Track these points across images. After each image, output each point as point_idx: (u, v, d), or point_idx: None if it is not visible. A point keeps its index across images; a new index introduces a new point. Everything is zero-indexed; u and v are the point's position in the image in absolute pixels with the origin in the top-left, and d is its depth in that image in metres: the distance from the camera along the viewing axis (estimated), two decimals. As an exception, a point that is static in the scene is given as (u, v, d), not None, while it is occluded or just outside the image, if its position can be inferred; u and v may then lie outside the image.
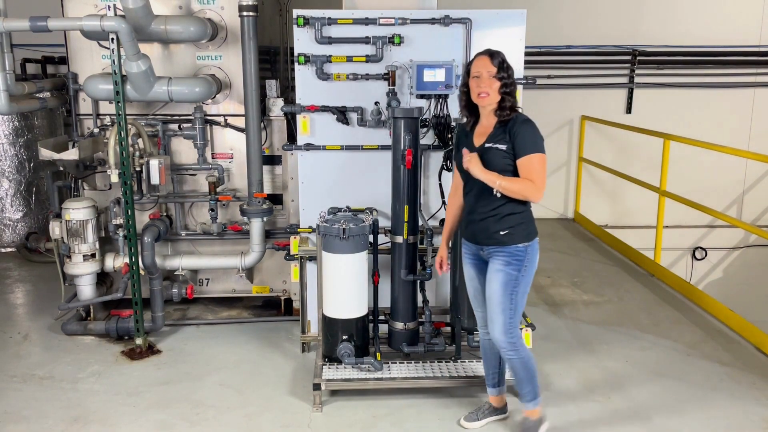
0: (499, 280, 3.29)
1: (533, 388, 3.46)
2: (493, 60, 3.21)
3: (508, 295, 3.29)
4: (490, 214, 3.27)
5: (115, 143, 4.38)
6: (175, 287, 4.95)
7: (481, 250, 3.37)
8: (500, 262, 3.29)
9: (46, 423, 3.72)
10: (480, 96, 3.22)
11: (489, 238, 3.30)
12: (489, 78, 3.19)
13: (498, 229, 3.26)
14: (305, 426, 3.70)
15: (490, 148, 3.23)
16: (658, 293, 5.81)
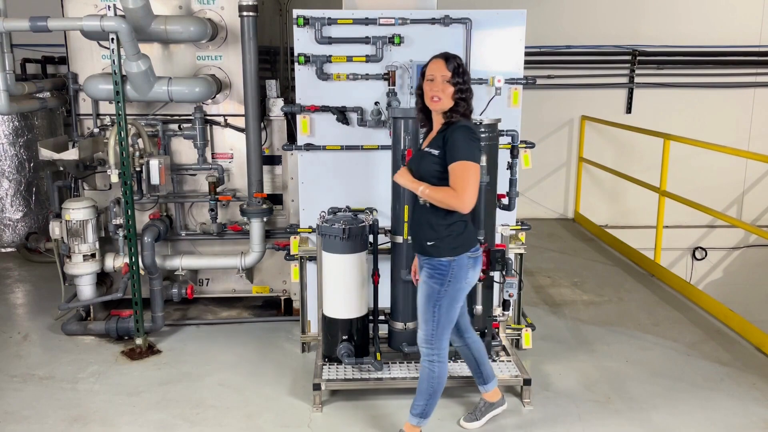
0: (423, 291, 3.22)
1: (425, 406, 3.33)
2: (448, 64, 3.12)
3: (431, 308, 3.19)
4: (421, 221, 3.21)
5: (115, 143, 4.38)
6: (175, 287, 4.95)
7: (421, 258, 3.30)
8: (425, 273, 3.23)
9: (46, 423, 3.72)
10: (432, 100, 3.11)
11: (419, 246, 3.26)
12: (443, 82, 3.09)
13: (425, 238, 3.19)
14: (305, 426, 3.70)
15: (426, 153, 3.15)
16: (658, 293, 5.81)
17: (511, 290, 4.11)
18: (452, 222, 3.14)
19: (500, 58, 4.36)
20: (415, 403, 3.37)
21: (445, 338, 3.27)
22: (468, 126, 3.13)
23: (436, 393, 3.33)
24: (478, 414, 3.68)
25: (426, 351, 3.27)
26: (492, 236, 4.09)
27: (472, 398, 3.92)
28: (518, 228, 4.51)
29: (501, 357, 4.16)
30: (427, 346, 3.26)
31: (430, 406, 3.35)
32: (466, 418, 3.69)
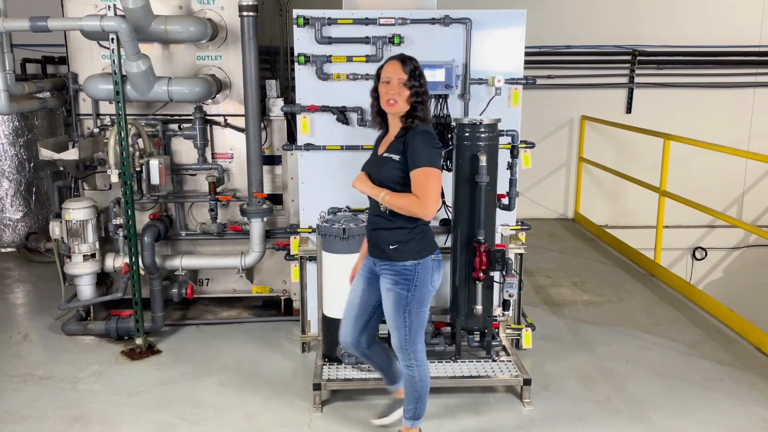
0: (391, 299, 3.13)
1: (415, 408, 3.31)
2: (405, 66, 3.04)
3: (401, 314, 3.12)
4: (382, 225, 3.11)
5: (115, 143, 4.38)
6: (175, 287, 4.96)
7: (375, 264, 3.20)
8: (389, 280, 3.12)
9: (46, 423, 3.72)
10: (388, 103, 3.03)
11: (380, 251, 3.14)
12: (399, 85, 3.01)
13: (387, 242, 3.10)
14: (305, 426, 3.70)
15: (386, 158, 3.07)
16: (658, 293, 5.81)
17: (511, 290, 4.11)
18: (415, 225, 3.09)
19: (500, 58, 4.36)
20: (405, 407, 3.35)
21: (420, 341, 3.22)
22: (428, 131, 3.07)
23: (423, 395, 3.29)
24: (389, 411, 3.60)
25: (402, 357, 3.22)
26: (492, 236, 4.09)
27: (473, 398, 3.92)
28: (518, 228, 4.51)
29: (501, 357, 4.17)
30: (402, 352, 3.21)
31: (421, 408, 3.33)
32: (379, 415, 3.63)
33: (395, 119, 3.11)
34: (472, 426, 3.70)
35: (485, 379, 3.96)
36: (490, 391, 4.03)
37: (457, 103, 4.39)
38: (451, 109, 4.35)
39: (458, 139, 4.01)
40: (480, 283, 3.98)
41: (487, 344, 4.18)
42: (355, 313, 3.32)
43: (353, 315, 3.32)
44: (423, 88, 3.07)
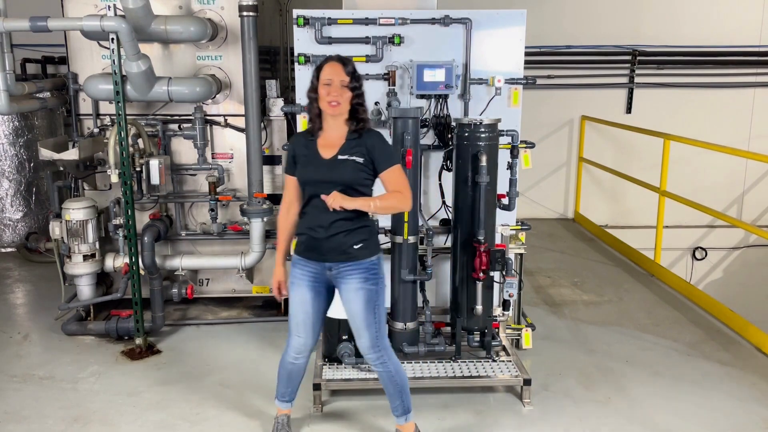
0: (362, 298, 3.13)
1: (402, 403, 3.33)
2: (346, 68, 3.04)
3: (371, 311, 3.15)
4: (343, 228, 3.07)
5: (115, 143, 4.38)
6: (175, 287, 4.96)
7: (329, 270, 3.15)
8: (358, 279, 3.12)
9: (46, 423, 3.72)
10: (330, 104, 3.00)
11: (342, 254, 3.10)
12: (341, 87, 3.00)
13: (351, 243, 3.08)
14: (305, 426, 3.70)
15: (346, 161, 3.04)
16: (658, 293, 5.81)
17: (511, 290, 4.11)
18: (368, 222, 3.14)
19: (500, 58, 4.36)
20: (392, 405, 3.37)
21: (387, 336, 3.28)
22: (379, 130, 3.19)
23: (404, 386, 3.32)
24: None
25: (374, 357, 3.23)
26: (492, 236, 4.09)
27: (473, 398, 3.92)
28: (518, 228, 4.51)
29: (501, 357, 4.17)
30: (374, 351, 3.21)
31: (407, 399, 3.36)
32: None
33: (336, 121, 3.08)
34: (472, 426, 3.70)
35: (485, 379, 3.96)
36: (490, 391, 4.03)
37: (457, 103, 4.39)
38: (451, 109, 4.36)
39: (458, 139, 4.01)
40: (480, 283, 3.98)
41: (487, 344, 4.18)
42: (311, 323, 3.26)
43: (310, 325, 3.26)
44: (362, 89, 3.10)
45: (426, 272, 4.16)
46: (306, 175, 3.12)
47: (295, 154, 3.16)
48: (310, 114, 3.14)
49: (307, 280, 3.19)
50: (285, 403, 3.56)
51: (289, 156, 3.21)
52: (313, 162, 3.10)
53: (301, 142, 3.17)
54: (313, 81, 3.08)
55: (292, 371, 3.43)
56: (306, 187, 3.13)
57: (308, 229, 3.13)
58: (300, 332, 3.27)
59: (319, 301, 3.23)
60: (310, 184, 3.11)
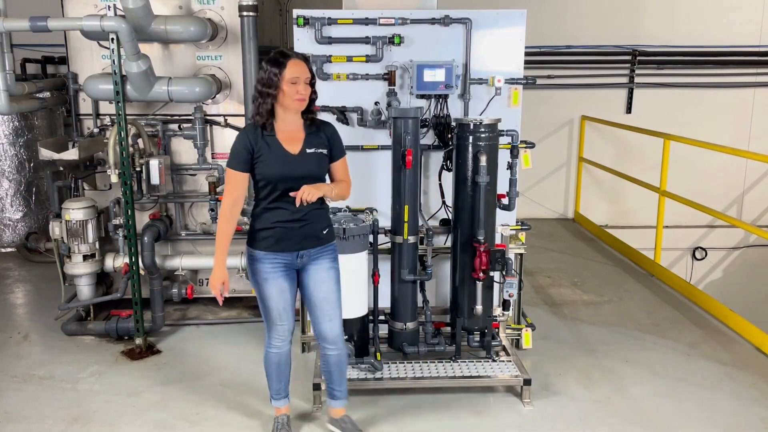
0: (333, 278, 3.33)
1: (345, 386, 3.54)
2: (308, 65, 3.15)
3: (339, 290, 3.36)
4: (315, 216, 3.25)
5: (115, 143, 4.38)
6: (175, 287, 4.96)
7: (300, 257, 3.26)
8: (328, 260, 3.32)
9: (46, 423, 3.72)
10: (298, 101, 3.08)
11: (316, 239, 3.27)
12: (305, 83, 3.10)
13: (321, 228, 3.29)
14: (305, 426, 3.69)
15: (314, 154, 3.18)
16: (658, 293, 5.81)
17: (511, 290, 4.11)
18: (326, 207, 3.37)
19: (500, 58, 4.36)
20: (337, 389, 3.53)
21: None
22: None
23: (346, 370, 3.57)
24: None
25: (339, 341, 3.41)
26: (492, 236, 4.09)
27: (473, 398, 3.93)
28: (518, 228, 4.51)
29: (501, 357, 4.17)
30: (339, 336, 3.41)
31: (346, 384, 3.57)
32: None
33: (295, 116, 3.17)
34: (472, 426, 3.70)
35: (485, 379, 3.96)
36: (490, 391, 4.03)
37: (457, 103, 4.39)
38: (451, 109, 4.36)
39: (458, 139, 4.01)
40: (480, 283, 3.98)
41: (487, 344, 4.18)
42: (291, 307, 3.36)
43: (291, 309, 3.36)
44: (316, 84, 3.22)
45: (426, 272, 4.17)
46: (277, 172, 3.14)
47: (253, 151, 3.13)
48: (260, 109, 3.11)
49: (281, 270, 3.27)
50: (281, 400, 3.58)
51: (242, 152, 3.13)
52: (281, 158, 3.14)
53: (257, 138, 3.14)
54: (272, 77, 3.06)
55: (279, 361, 3.45)
56: (277, 183, 3.15)
57: (279, 223, 3.20)
58: (283, 320, 3.34)
59: (293, 287, 3.34)
60: (282, 180, 3.14)
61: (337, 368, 3.47)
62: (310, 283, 3.32)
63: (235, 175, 3.17)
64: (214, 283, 3.25)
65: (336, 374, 3.49)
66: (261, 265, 3.27)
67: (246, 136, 3.16)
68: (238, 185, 3.19)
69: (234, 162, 3.16)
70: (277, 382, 3.52)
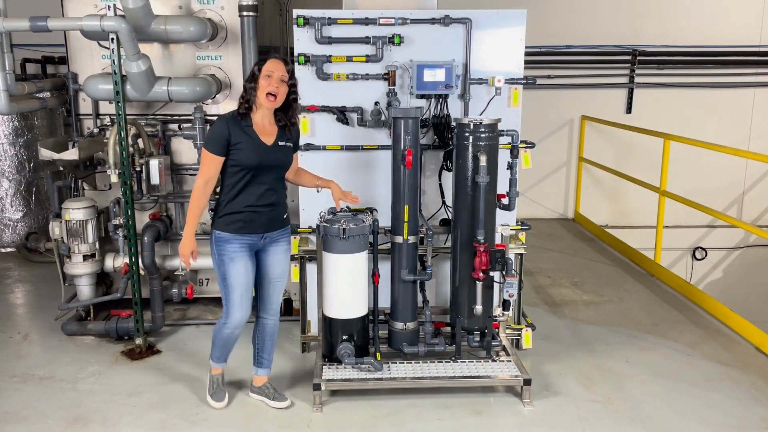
0: (288, 258, 3.73)
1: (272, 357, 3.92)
2: (287, 66, 3.41)
3: (289, 269, 3.79)
4: (280, 201, 3.60)
5: (115, 143, 4.38)
6: (175, 287, 4.96)
7: (263, 239, 3.59)
8: (286, 242, 3.70)
9: (46, 423, 3.72)
10: (269, 96, 3.36)
11: (279, 222, 3.62)
12: (279, 81, 3.36)
13: (283, 213, 3.65)
14: (305, 426, 3.70)
15: (285, 146, 3.55)
16: (658, 293, 5.81)
17: (511, 290, 4.11)
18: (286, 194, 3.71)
19: (500, 58, 4.36)
20: (265, 359, 3.88)
21: None
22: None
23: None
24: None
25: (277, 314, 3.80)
26: (492, 236, 4.09)
27: (473, 398, 3.93)
28: (518, 228, 4.51)
29: (501, 357, 4.16)
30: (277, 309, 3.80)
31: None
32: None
33: (268, 112, 3.47)
34: (472, 426, 3.70)
35: (485, 379, 3.96)
36: (490, 391, 4.03)
37: (457, 103, 4.39)
38: (451, 109, 4.36)
39: (458, 139, 4.01)
40: (480, 283, 3.98)
41: (487, 344, 4.18)
42: (251, 291, 3.66)
43: (250, 293, 3.66)
44: (296, 87, 3.50)
45: (426, 272, 4.17)
46: (254, 160, 3.44)
47: (230, 138, 3.40)
48: (246, 101, 3.42)
49: (246, 251, 3.56)
50: (221, 364, 3.92)
51: (220, 138, 3.40)
52: (257, 148, 3.44)
53: (236, 127, 3.43)
54: (254, 72, 3.40)
55: (228, 340, 3.79)
56: (250, 170, 3.44)
57: (250, 207, 3.49)
58: (243, 303, 3.61)
59: (254, 268, 3.64)
60: (256, 167, 3.45)
61: (270, 337, 3.85)
62: (268, 261, 3.65)
63: (211, 158, 3.44)
64: (184, 251, 3.52)
65: (268, 342, 3.85)
66: (229, 245, 3.52)
67: (226, 123, 3.43)
68: (212, 167, 3.46)
69: (211, 145, 3.44)
70: (222, 351, 3.87)
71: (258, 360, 3.90)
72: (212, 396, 3.90)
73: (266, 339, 3.85)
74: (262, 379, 3.93)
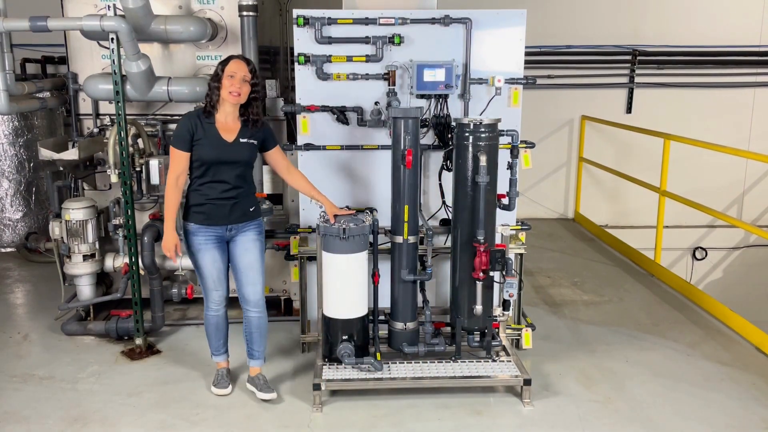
0: (258, 248, 3.83)
1: (264, 348, 4.02)
2: (249, 66, 3.61)
3: (262, 260, 3.86)
4: (243, 195, 3.74)
5: (115, 143, 4.38)
6: (175, 287, 4.96)
7: (229, 230, 3.76)
8: (254, 233, 3.83)
9: (46, 423, 3.72)
10: (231, 94, 3.55)
11: (244, 215, 3.77)
12: (242, 80, 3.56)
13: (249, 206, 3.79)
14: (305, 426, 3.70)
15: (246, 143, 3.69)
16: (658, 293, 5.81)
17: (511, 290, 4.11)
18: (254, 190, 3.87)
19: (500, 58, 4.36)
20: (256, 350, 4.00)
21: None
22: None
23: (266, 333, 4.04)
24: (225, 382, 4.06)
25: (261, 306, 3.91)
26: (492, 236, 4.09)
27: (473, 398, 3.93)
28: (518, 228, 4.51)
29: (501, 357, 4.16)
30: (261, 301, 3.91)
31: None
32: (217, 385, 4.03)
33: (232, 108, 3.65)
34: (472, 426, 3.70)
35: (485, 379, 3.96)
36: (490, 391, 4.03)
37: (457, 103, 4.39)
38: (451, 109, 4.36)
39: (458, 139, 4.01)
40: (480, 283, 3.98)
41: (487, 344, 4.18)
42: (224, 275, 3.87)
43: (224, 276, 3.88)
44: (259, 87, 3.67)
45: (426, 272, 4.16)
46: (212, 155, 3.63)
47: (193, 134, 3.63)
48: (209, 99, 3.64)
49: (213, 242, 3.76)
50: (221, 356, 4.09)
51: (185, 135, 3.63)
52: (216, 144, 3.63)
53: (198, 124, 3.65)
54: (218, 72, 3.60)
55: (217, 323, 3.98)
56: (210, 164, 3.64)
57: (211, 200, 3.69)
58: (218, 286, 3.87)
59: (224, 257, 3.84)
60: (215, 162, 3.64)
61: (257, 330, 3.96)
62: (236, 252, 3.82)
63: (178, 154, 3.66)
64: (167, 245, 3.74)
65: (256, 335, 3.97)
66: (195, 237, 3.75)
67: (189, 120, 3.67)
68: (180, 162, 3.67)
69: (176, 142, 3.66)
70: (216, 340, 4.03)
71: (249, 352, 4.04)
72: (215, 385, 4.03)
73: (253, 332, 3.97)
74: (255, 370, 4.05)
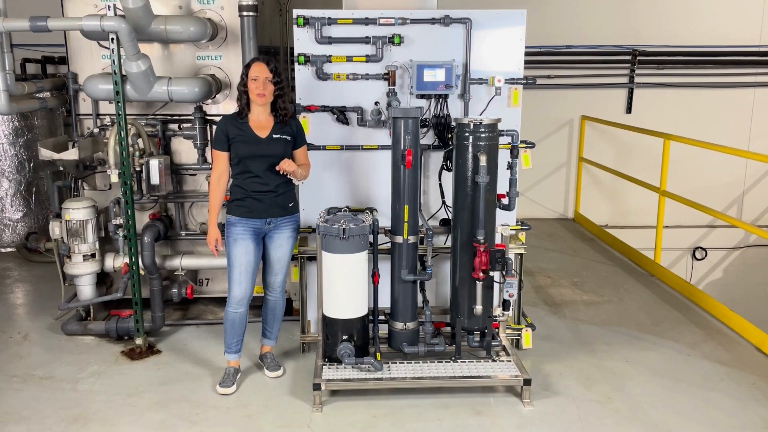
0: (291, 244, 4.05)
1: (278, 329, 4.27)
2: (269, 66, 3.80)
3: (291, 254, 4.09)
4: (285, 189, 3.93)
5: (115, 143, 4.38)
6: (175, 287, 4.95)
7: (268, 224, 3.93)
8: (290, 228, 4.02)
9: (46, 423, 3.72)
10: (258, 96, 3.78)
11: (284, 210, 3.95)
12: (265, 81, 3.77)
13: (288, 202, 3.98)
14: (305, 426, 3.70)
15: (280, 139, 3.87)
16: (658, 293, 5.81)
17: (511, 290, 4.11)
18: (293, 187, 4.02)
19: (500, 58, 4.36)
20: (271, 331, 4.25)
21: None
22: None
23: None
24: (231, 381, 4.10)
25: (280, 290, 4.14)
26: (492, 236, 4.09)
27: (473, 398, 3.93)
28: (518, 228, 4.51)
29: (501, 357, 4.17)
30: (282, 286, 4.14)
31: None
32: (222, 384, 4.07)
33: (263, 108, 3.86)
34: (472, 426, 3.70)
35: (485, 379, 3.96)
36: (490, 391, 4.04)
37: (457, 103, 4.39)
38: (451, 109, 4.36)
39: (458, 139, 4.01)
40: (480, 283, 3.98)
41: (487, 344, 4.19)
42: (252, 270, 3.95)
43: (251, 272, 3.95)
44: (283, 84, 3.86)
45: (426, 272, 4.16)
46: (248, 151, 3.84)
47: (228, 134, 3.86)
48: (240, 102, 3.87)
49: (250, 234, 3.91)
50: (233, 354, 4.12)
51: (222, 136, 3.87)
52: (250, 140, 3.84)
53: (233, 124, 3.88)
54: (243, 77, 3.84)
55: (234, 320, 4.01)
56: (246, 160, 3.85)
57: (252, 193, 3.87)
58: (242, 280, 3.92)
59: (258, 250, 3.97)
60: (250, 157, 3.84)
61: (272, 312, 4.19)
62: (271, 245, 4.00)
63: (217, 154, 3.91)
64: (209, 239, 3.97)
65: (270, 317, 4.21)
66: (234, 227, 3.91)
67: (224, 122, 3.91)
68: (221, 162, 3.91)
69: (215, 144, 3.93)
70: (230, 337, 4.07)
71: (263, 332, 4.27)
72: (220, 384, 4.06)
73: (268, 312, 4.20)
74: (266, 348, 4.31)
